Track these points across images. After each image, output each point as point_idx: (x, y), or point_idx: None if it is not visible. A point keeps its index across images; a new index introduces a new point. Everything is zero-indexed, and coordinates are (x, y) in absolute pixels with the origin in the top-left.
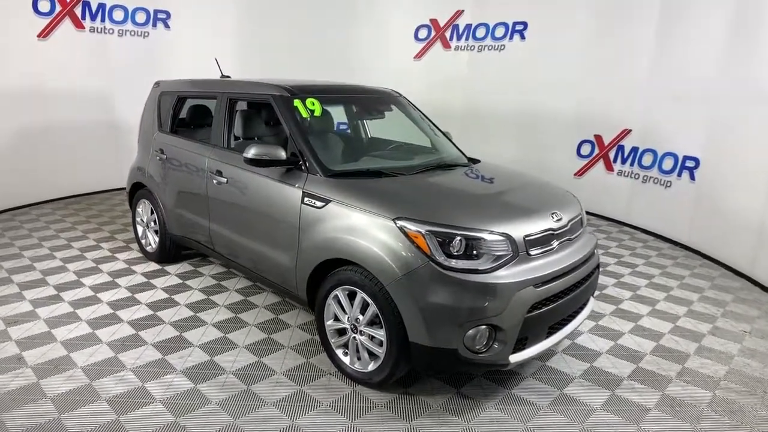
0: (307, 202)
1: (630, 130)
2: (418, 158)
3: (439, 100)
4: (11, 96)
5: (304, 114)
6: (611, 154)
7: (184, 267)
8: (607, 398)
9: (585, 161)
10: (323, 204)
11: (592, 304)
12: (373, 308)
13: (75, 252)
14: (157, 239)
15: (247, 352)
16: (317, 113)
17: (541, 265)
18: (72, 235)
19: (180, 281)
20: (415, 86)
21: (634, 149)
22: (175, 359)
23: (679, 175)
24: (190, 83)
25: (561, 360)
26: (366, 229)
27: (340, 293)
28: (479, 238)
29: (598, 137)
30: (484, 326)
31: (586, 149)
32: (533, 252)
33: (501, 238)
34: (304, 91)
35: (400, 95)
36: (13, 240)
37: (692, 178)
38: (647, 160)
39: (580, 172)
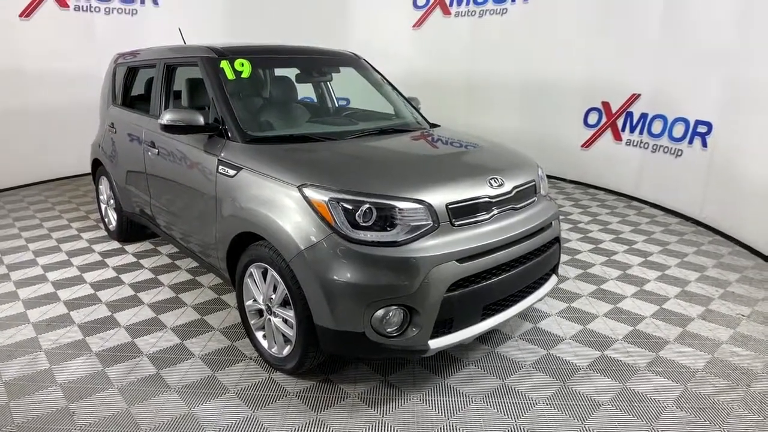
0: (221, 171)
1: (639, 95)
2: (363, 124)
3: (440, 71)
4: None
5: (230, 76)
6: (619, 122)
7: (144, 246)
8: (554, 391)
9: (592, 131)
10: (235, 172)
11: (552, 283)
12: (282, 287)
13: (43, 231)
14: (116, 217)
15: (172, 334)
16: (245, 74)
17: (468, 237)
18: (48, 215)
19: (134, 260)
20: (413, 58)
21: (644, 116)
22: (95, 341)
23: (690, 142)
24: (137, 53)
25: (514, 346)
26: (272, 199)
27: (254, 270)
28: (391, 206)
29: (606, 104)
30: (395, 307)
31: (593, 118)
32: (459, 222)
33: (417, 206)
34: (236, 53)
35: (359, 58)
36: None
37: (704, 144)
38: (657, 127)
39: (587, 144)
